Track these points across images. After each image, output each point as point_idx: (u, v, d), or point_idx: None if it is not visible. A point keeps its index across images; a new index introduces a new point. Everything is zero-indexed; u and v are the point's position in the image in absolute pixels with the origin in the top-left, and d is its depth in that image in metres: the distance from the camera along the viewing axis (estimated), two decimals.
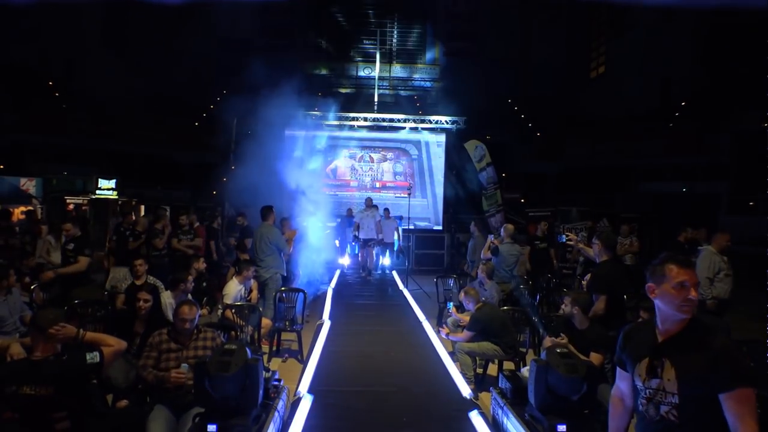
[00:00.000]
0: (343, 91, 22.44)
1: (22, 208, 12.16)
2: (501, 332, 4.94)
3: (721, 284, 5.75)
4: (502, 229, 7.44)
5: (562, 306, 4.17)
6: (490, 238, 7.34)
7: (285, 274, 6.89)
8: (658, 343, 1.99)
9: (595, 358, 3.87)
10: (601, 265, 4.62)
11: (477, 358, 5.12)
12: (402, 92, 23.29)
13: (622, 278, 4.67)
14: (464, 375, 4.84)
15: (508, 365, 5.03)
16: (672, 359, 1.92)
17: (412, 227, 13.33)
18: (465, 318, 5.34)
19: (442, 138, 14.58)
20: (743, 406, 1.78)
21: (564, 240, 7.79)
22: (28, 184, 14.21)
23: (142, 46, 20.68)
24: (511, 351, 4.93)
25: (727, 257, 5.86)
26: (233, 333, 4.74)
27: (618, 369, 2.22)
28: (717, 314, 5.69)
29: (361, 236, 10.74)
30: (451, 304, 6.02)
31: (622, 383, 2.20)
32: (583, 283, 5.24)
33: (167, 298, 4.74)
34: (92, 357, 2.88)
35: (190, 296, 4.94)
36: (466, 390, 4.51)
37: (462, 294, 5.40)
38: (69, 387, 2.77)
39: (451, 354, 5.43)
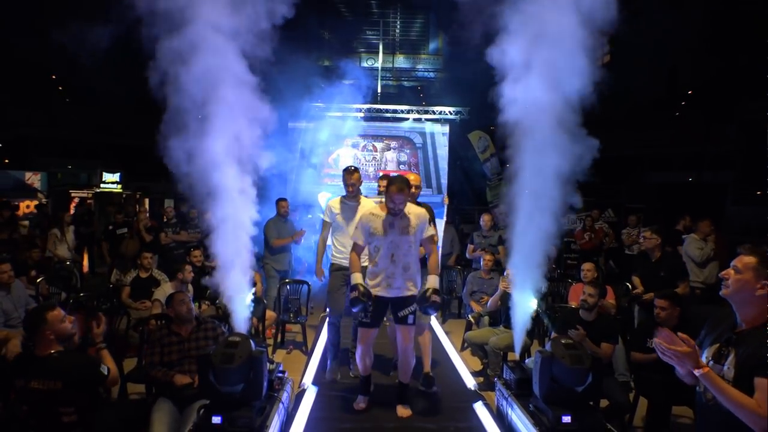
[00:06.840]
0: (346, 82, 22.34)
1: (28, 202, 12.23)
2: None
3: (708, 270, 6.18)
4: (483, 221, 7.42)
5: (583, 297, 4.12)
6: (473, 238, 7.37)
7: (293, 267, 6.89)
8: (736, 332, 2.01)
9: (606, 347, 3.93)
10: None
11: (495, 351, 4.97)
12: (405, 83, 23.13)
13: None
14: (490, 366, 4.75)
15: (512, 356, 5.00)
16: (737, 350, 1.94)
17: None
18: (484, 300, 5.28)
19: (447, 128, 14.46)
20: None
21: None
22: (34, 178, 14.27)
23: (145, 40, 20.62)
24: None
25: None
26: None
27: None
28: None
29: (375, 293, 3.75)
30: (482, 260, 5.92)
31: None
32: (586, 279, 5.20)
33: (169, 289, 4.77)
34: (102, 369, 2.91)
35: (190, 286, 4.98)
36: (470, 382, 4.51)
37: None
38: (76, 384, 2.79)
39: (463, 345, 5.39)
